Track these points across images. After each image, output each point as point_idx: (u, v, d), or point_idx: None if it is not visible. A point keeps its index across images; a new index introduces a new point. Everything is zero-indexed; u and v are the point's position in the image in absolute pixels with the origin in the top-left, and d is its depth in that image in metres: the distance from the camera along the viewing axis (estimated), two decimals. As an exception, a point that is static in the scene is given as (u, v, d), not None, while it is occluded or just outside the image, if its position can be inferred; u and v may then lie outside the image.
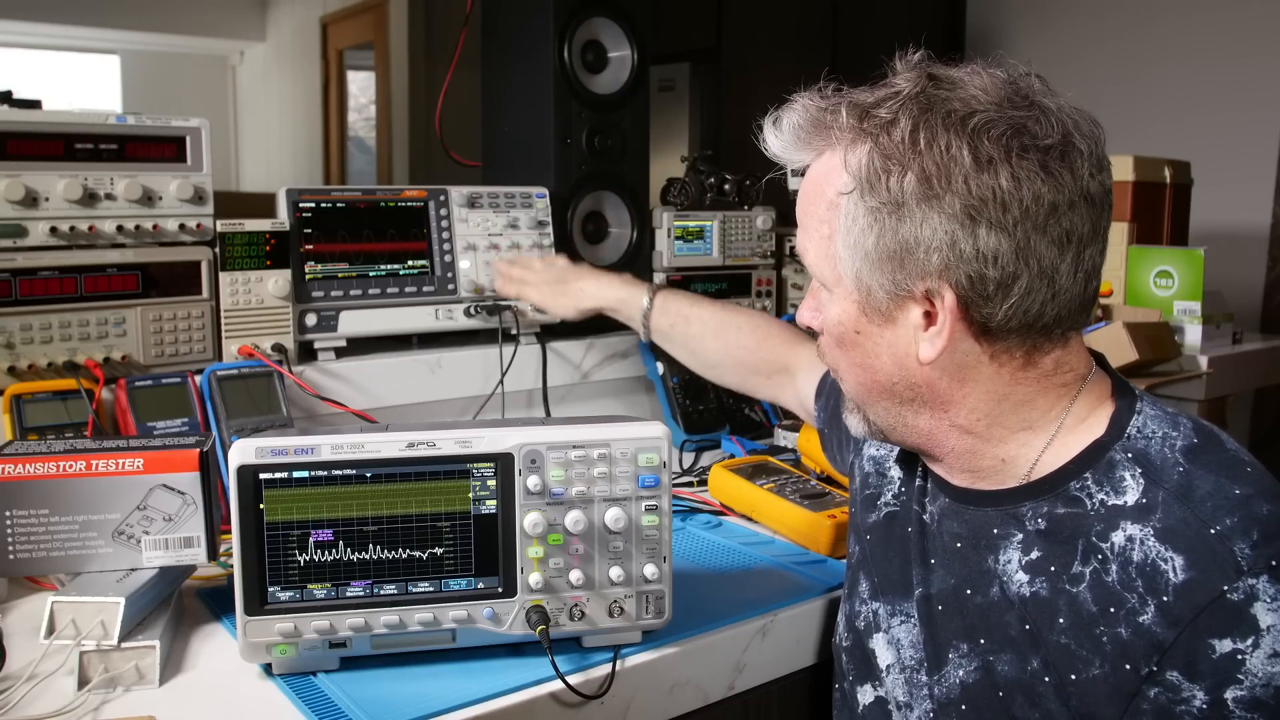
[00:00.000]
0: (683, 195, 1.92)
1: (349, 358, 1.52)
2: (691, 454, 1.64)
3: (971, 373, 0.86)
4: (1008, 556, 0.88)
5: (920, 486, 0.99)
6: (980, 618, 0.89)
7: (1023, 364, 0.85)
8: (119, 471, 1.00)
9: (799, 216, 0.90)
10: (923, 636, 0.95)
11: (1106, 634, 0.79)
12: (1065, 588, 0.83)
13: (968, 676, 0.89)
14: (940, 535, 0.95)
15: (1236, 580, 0.74)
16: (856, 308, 0.86)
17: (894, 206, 0.81)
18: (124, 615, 0.93)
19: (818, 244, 0.88)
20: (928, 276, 0.81)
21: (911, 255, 0.81)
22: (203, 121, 1.38)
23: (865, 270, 0.84)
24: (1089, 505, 0.83)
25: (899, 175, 0.80)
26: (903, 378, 0.87)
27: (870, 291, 0.84)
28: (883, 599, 1.00)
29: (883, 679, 0.99)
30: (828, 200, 0.86)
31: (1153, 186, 2.24)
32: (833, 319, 0.89)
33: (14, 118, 1.25)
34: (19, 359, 1.25)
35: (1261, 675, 0.73)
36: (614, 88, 1.75)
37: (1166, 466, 0.82)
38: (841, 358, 0.91)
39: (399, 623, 0.92)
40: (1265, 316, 2.85)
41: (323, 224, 1.50)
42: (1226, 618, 0.74)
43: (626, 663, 0.98)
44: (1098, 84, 3.12)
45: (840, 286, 0.87)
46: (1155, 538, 0.78)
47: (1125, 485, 0.82)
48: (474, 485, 0.93)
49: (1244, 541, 0.75)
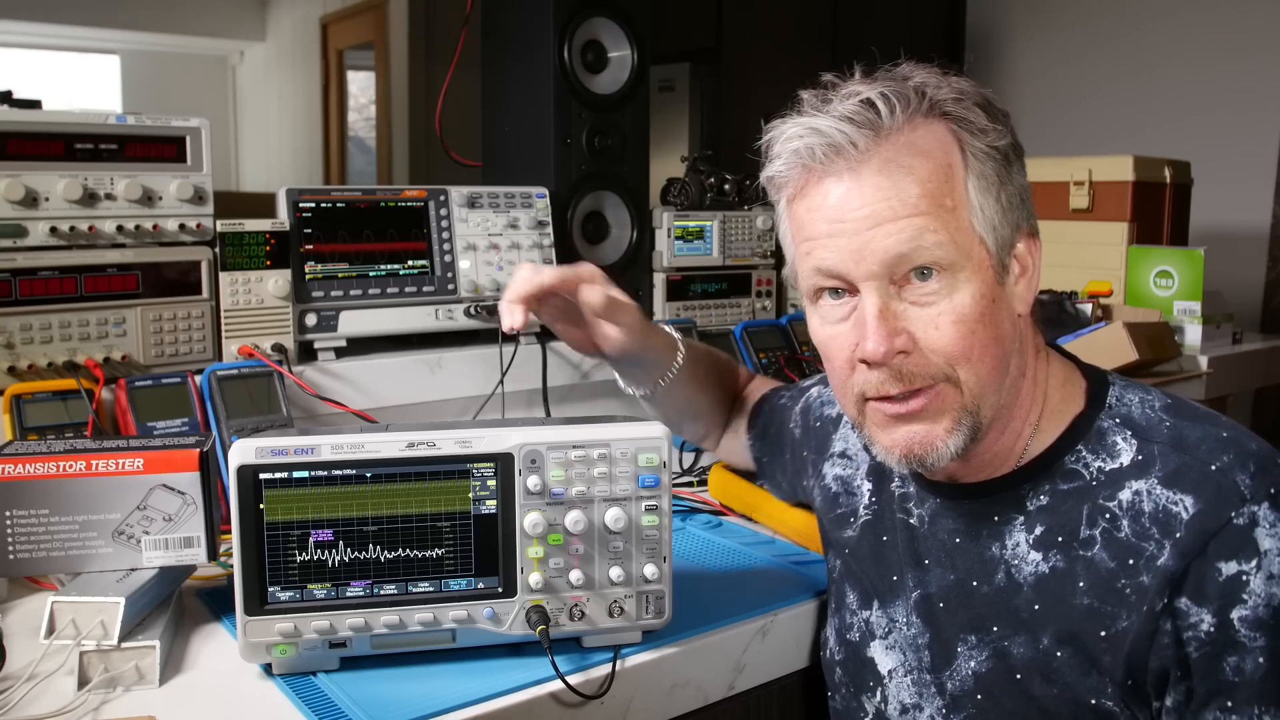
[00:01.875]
0: (683, 195, 1.92)
1: (349, 358, 1.52)
2: (691, 454, 1.64)
3: (1025, 335, 0.90)
4: (1014, 540, 0.89)
5: (903, 494, 1.00)
6: (988, 606, 0.90)
7: (1033, 327, 0.91)
8: (119, 471, 1.00)
9: (888, 215, 0.82)
10: (926, 637, 0.95)
11: (1129, 585, 0.82)
12: (1080, 553, 0.85)
13: (980, 666, 0.90)
14: (934, 536, 0.96)
15: (1241, 507, 0.78)
16: (991, 273, 0.85)
17: (1004, 161, 0.86)
18: (124, 615, 0.93)
19: (942, 222, 0.82)
20: (1030, 219, 0.89)
21: (1024, 200, 0.88)
22: (203, 121, 1.38)
23: (999, 222, 0.85)
24: (1088, 475, 0.87)
25: (996, 135, 0.85)
26: (1015, 336, 0.88)
27: (1001, 245, 0.85)
28: (874, 608, 1.01)
29: (885, 685, 0.99)
30: (940, 179, 0.83)
31: (1153, 186, 2.24)
32: (968, 299, 0.83)
33: (14, 118, 1.26)
34: (19, 359, 1.25)
35: (1263, 595, 0.77)
36: (614, 88, 1.75)
37: (1153, 424, 0.86)
38: (976, 342, 0.84)
39: (399, 623, 0.92)
40: (1265, 316, 2.85)
41: (323, 224, 1.50)
42: (1233, 542, 0.78)
43: (626, 663, 0.98)
44: (1098, 84, 3.12)
45: (972, 258, 0.83)
46: (1162, 485, 0.82)
47: (1119, 449, 0.86)
48: (474, 485, 0.93)
49: (1243, 473, 0.80)
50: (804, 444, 1.17)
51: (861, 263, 0.83)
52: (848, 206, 0.84)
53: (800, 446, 1.18)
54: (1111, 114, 3.13)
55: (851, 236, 0.83)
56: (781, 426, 1.21)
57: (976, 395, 0.85)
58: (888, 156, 0.83)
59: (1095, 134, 3.17)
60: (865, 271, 0.83)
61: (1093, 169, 2.21)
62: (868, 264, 0.83)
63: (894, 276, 0.83)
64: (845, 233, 0.84)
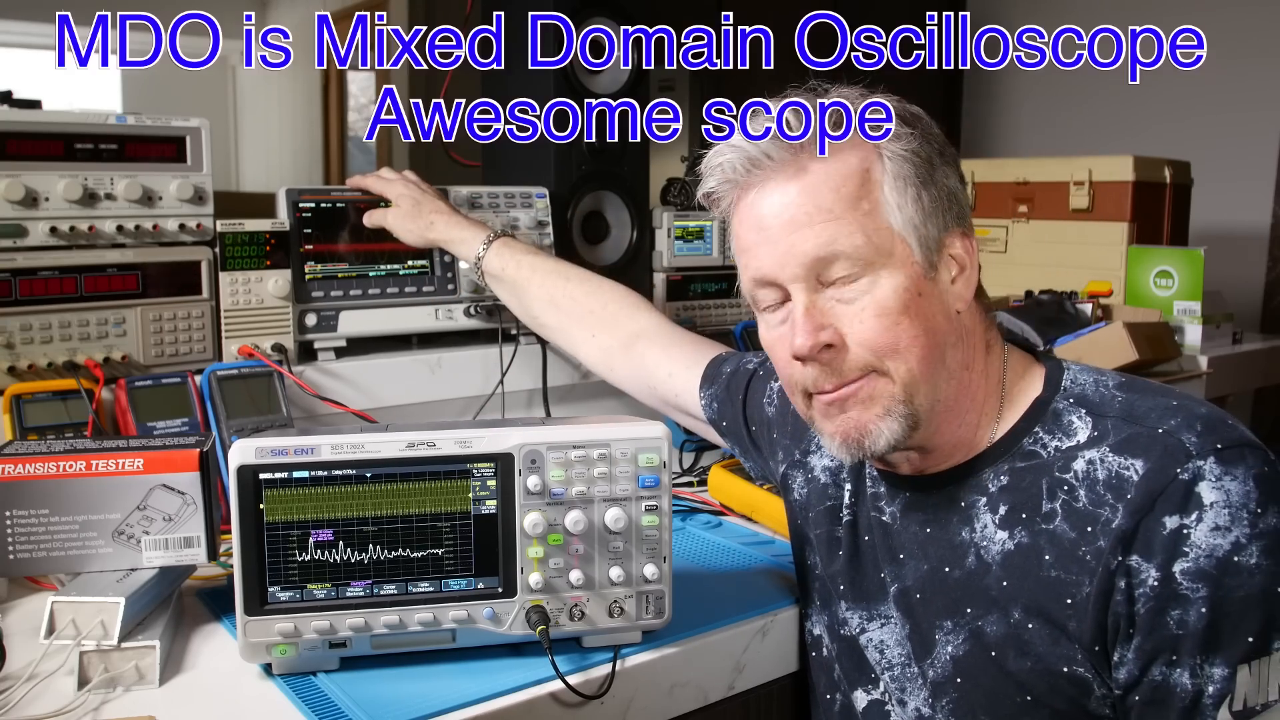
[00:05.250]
0: (683, 195, 1.92)
1: (349, 358, 1.52)
2: (691, 454, 1.64)
3: (969, 330, 0.93)
4: (981, 522, 0.92)
5: (874, 493, 1.03)
6: (962, 589, 0.92)
7: (983, 323, 0.95)
8: (119, 471, 1.00)
9: (805, 220, 0.88)
10: (906, 630, 0.97)
11: (1089, 551, 0.84)
12: (1043, 527, 0.88)
13: (957, 650, 0.92)
14: (906, 530, 0.98)
15: (1186, 463, 0.81)
16: (915, 269, 0.89)
17: (926, 163, 0.90)
18: (124, 615, 0.93)
19: (858, 224, 0.87)
20: (962, 220, 0.92)
21: (955, 201, 0.91)
22: (203, 121, 1.38)
23: (920, 222, 0.89)
24: (1045, 455, 0.90)
25: (911, 140, 0.89)
26: (952, 329, 0.91)
27: (926, 244, 0.89)
28: (857, 607, 1.02)
29: (879, 680, 1.00)
30: (855, 184, 0.88)
31: (1153, 186, 2.24)
32: (889, 293, 0.87)
33: (14, 118, 1.25)
34: (19, 359, 1.25)
35: (1205, 547, 0.79)
36: (614, 88, 1.75)
37: (1106, 401, 0.90)
38: (902, 335, 0.88)
39: (399, 623, 0.92)
40: (1265, 316, 2.85)
41: (323, 224, 1.50)
42: (1177, 497, 0.80)
43: (626, 663, 0.98)
44: (1098, 84, 3.12)
45: (893, 256, 0.88)
46: (1114, 452, 0.85)
47: (1074, 427, 0.90)
48: (474, 485, 0.93)
49: (1189, 433, 0.83)
50: (776, 425, 1.17)
51: (785, 266, 0.89)
52: (768, 214, 0.90)
53: (772, 427, 1.18)
54: (1111, 114, 3.13)
55: (775, 243, 0.90)
56: (754, 397, 1.21)
57: (908, 385, 0.89)
58: (802, 165, 0.89)
59: (1095, 134, 3.17)
60: (790, 274, 0.89)
61: (1093, 169, 2.22)
62: (790, 268, 0.89)
63: (820, 277, 0.89)
64: (769, 240, 0.90)
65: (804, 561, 1.11)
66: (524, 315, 1.45)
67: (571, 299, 1.38)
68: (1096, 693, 0.85)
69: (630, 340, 1.33)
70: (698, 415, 1.28)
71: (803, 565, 1.12)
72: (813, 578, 1.09)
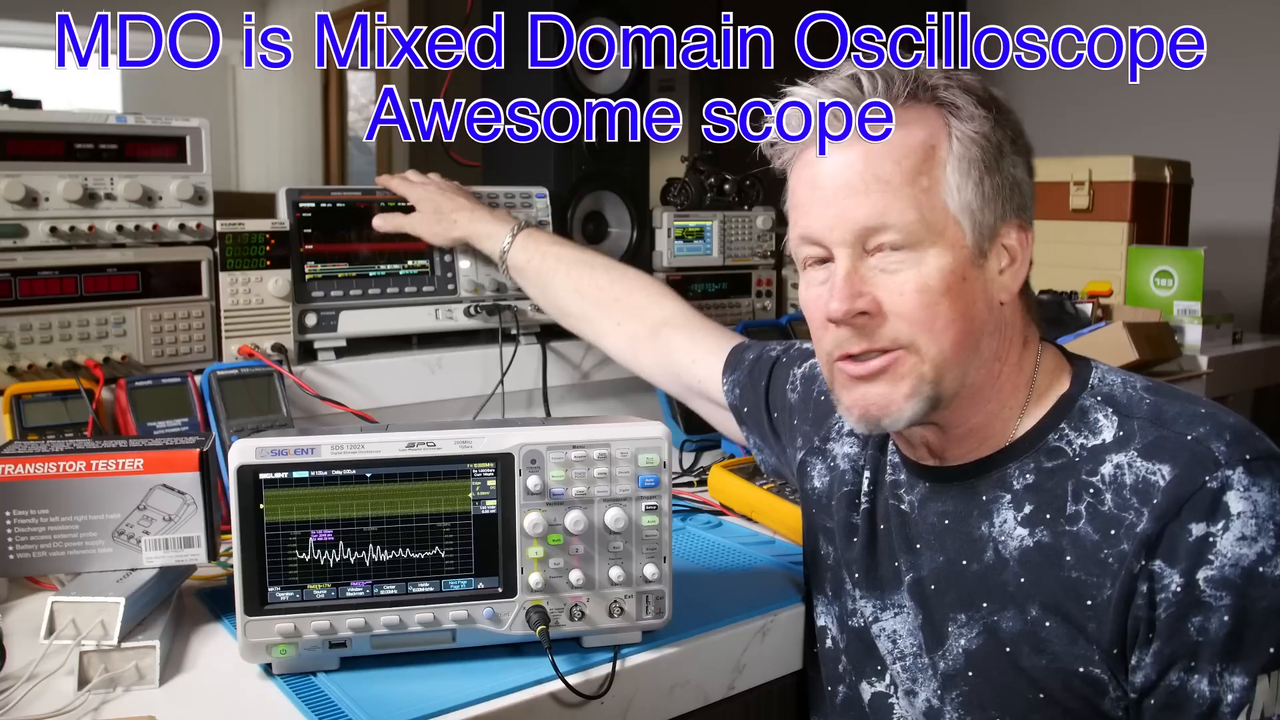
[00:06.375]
0: (683, 195, 1.92)
1: (349, 358, 1.52)
2: (691, 454, 1.64)
3: (1008, 322, 0.92)
4: (1002, 518, 0.92)
5: (894, 481, 1.02)
6: (978, 583, 0.92)
7: (1024, 318, 0.94)
8: (119, 471, 1.00)
9: (861, 186, 0.87)
10: (919, 620, 0.97)
11: (1112, 554, 0.84)
12: (1065, 529, 0.87)
13: (970, 643, 0.92)
14: (924, 520, 0.98)
15: (1215, 471, 0.81)
16: (964, 253, 0.88)
17: (995, 149, 0.89)
18: (124, 615, 0.93)
19: (913, 199, 0.86)
20: (1022, 212, 0.91)
21: (1018, 191, 0.90)
22: (203, 121, 1.38)
23: (979, 207, 0.88)
24: (1071, 452, 0.89)
25: (984, 123, 0.89)
26: (991, 318, 0.90)
27: (979, 229, 0.88)
28: (871, 595, 1.02)
29: (887, 670, 1.00)
30: (917, 158, 0.87)
31: (1153, 186, 2.24)
32: (933, 272, 0.87)
33: (14, 118, 1.25)
34: (19, 359, 1.25)
35: (1230, 556, 0.79)
36: (614, 88, 1.75)
37: (1133, 402, 0.90)
38: (939, 315, 0.87)
39: (399, 623, 0.92)
40: (1265, 316, 2.85)
41: (323, 224, 1.50)
42: (1204, 505, 0.80)
43: (626, 663, 0.98)
44: (1098, 84, 3.12)
45: (944, 236, 0.87)
46: (1141, 457, 0.85)
47: (1100, 425, 0.89)
48: (474, 485, 0.93)
49: (1219, 441, 0.83)
50: (798, 411, 1.17)
51: (834, 229, 0.89)
52: (825, 175, 0.90)
53: (794, 414, 1.17)
54: (1111, 114, 3.13)
55: (828, 205, 0.89)
56: (777, 384, 1.21)
57: (937, 366, 0.88)
58: (900, 131, 0.88)
59: (1095, 134, 3.16)
60: (838, 238, 0.89)
61: (1093, 169, 2.21)
62: (839, 231, 0.88)
63: (866, 244, 0.88)
64: (823, 200, 0.89)
65: (815, 551, 1.11)
66: (548, 305, 1.46)
67: (598, 288, 1.39)
68: (1111, 694, 0.85)
69: (656, 328, 1.34)
70: (720, 402, 1.28)
71: (813, 555, 1.11)
72: (824, 568, 1.09)
